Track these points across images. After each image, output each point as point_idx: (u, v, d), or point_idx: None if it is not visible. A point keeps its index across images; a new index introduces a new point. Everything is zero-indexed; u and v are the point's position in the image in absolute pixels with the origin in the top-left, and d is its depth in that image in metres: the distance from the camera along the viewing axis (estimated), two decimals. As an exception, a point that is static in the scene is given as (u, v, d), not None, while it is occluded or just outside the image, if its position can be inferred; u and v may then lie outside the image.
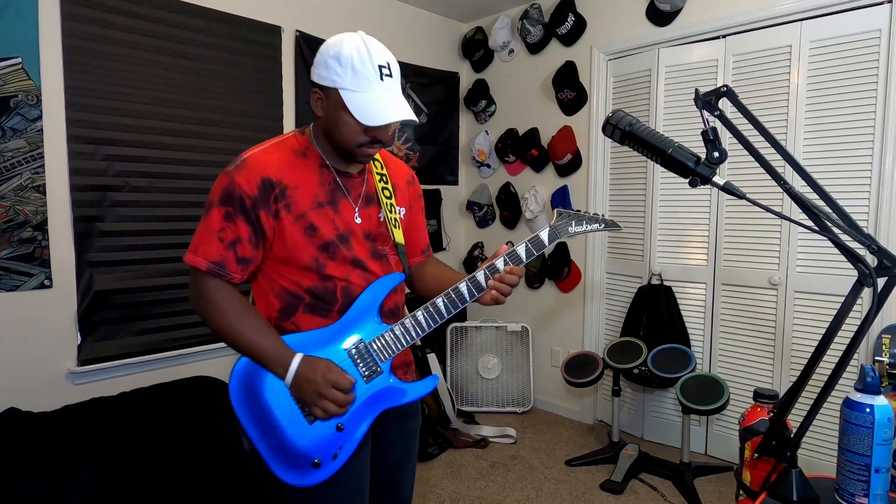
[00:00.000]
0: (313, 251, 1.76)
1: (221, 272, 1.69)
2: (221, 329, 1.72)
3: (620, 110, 1.55)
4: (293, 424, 1.72)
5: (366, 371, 1.77)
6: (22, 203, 3.18)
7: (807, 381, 1.40)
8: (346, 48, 1.65)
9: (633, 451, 4.09)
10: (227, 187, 1.67)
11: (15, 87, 3.12)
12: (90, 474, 2.61)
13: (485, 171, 5.65)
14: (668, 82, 4.28)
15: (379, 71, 1.66)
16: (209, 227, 1.68)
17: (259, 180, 1.68)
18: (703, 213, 4.17)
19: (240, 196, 1.66)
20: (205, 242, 1.69)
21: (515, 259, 1.83)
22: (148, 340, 3.69)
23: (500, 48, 5.33)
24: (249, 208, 1.67)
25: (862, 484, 1.31)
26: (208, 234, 1.68)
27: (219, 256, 1.68)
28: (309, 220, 1.74)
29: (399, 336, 1.81)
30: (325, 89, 1.69)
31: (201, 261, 1.68)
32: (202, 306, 1.74)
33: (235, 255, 1.70)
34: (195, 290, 1.74)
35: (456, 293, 1.80)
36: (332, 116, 1.70)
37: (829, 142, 3.59)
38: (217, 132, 3.94)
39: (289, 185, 1.72)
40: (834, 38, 3.55)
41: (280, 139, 1.83)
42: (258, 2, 4.12)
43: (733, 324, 4.10)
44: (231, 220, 1.67)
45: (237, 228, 1.68)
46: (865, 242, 1.31)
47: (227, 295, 1.72)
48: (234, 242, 1.69)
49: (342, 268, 1.80)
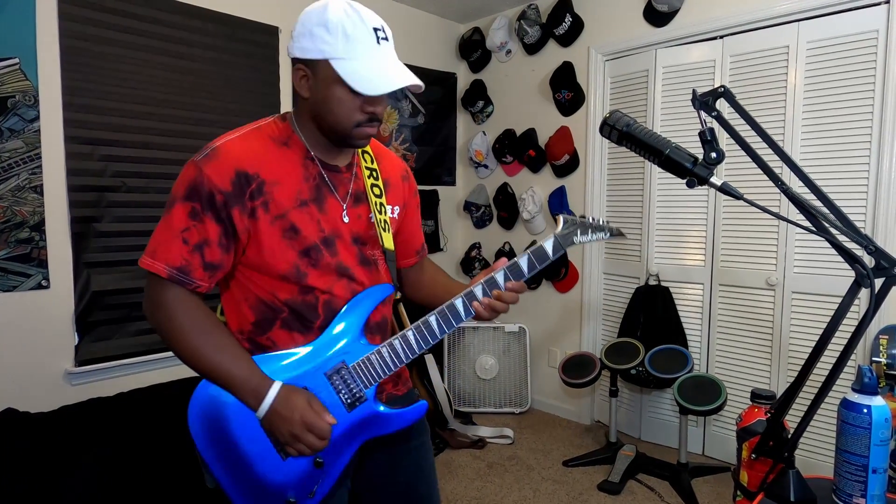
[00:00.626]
0: (293, 257, 1.53)
1: (185, 279, 1.45)
2: (182, 348, 1.49)
3: (618, 111, 1.55)
4: (264, 459, 1.51)
5: (348, 398, 1.56)
6: (19, 203, 3.17)
7: (804, 382, 1.40)
8: (332, 13, 1.43)
9: (631, 451, 4.09)
10: (193, 180, 1.44)
11: (12, 87, 3.11)
12: (87, 475, 2.61)
13: (482, 171, 5.65)
14: (666, 83, 4.28)
15: (374, 34, 1.46)
16: (171, 225, 1.45)
17: (232, 173, 1.45)
18: (701, 213, 4.17)
19: (209, 191, 1.43)
20: (165, 244, 1.45)
21: (517, 273, 1.60)
22: (145, 341, 3.68)
23: (498, 49, 5.33)
24: (220, 205, 1.44)
25: (859, 484, 1.31)
26: (170, 235, 1.44)
27: (182, 261, 1.44)
28: (290, 221, 1.52)
29: (386, 358, 1.58)
30: (312, 63, 1.47)
31: (161, 266, 1.43)
32: (158, 319, 1.49)
33: (202, 260, 1.46)
34: (151, 300, 1.49)
35: (451, 310, 1.58)
36: (324, 94, 1.48)
37: (827, 142, 3.59)
38: (214, 133, 3.85)
39: (267, 179, 1.49)
40: (831, 39, 3.56)
41: (257, 125, 1.59)
42: (255, 2, 4.12)
43: (731, 324, 4.10)
44: (197, 218, 1.44)
45: (205, 228, 1.44)
46: (863, 243, 1.31)
47: (190, 307, 1.48)
48: (200, 245, 1.45)
49: (325, 277, 1.58)
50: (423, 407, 1.69)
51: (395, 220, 1.78)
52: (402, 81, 1.46)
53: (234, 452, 1.51)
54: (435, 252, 5.62)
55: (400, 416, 1.65)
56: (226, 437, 1.51)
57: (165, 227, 1.46)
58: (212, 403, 1.52)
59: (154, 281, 1.47)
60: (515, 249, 5.37)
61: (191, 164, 1.47)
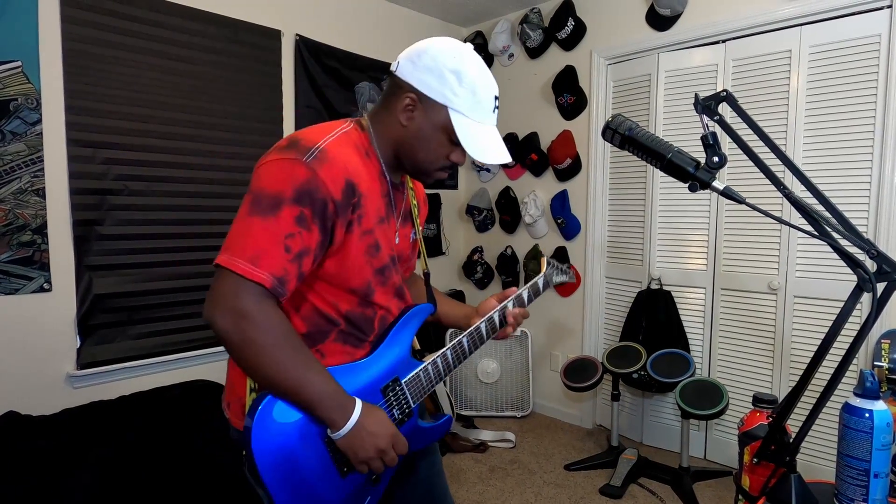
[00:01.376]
0: (370, 274, 1.50)
1: (281, 290, 1.34)
2: (266, 363, 1.34)
3: (620, 115, 1.55)
4: (325, 478, 1.44)
5: (399, 415, 1.56)
6: (21, 206, 3.17)
7: (806, 386, 1.40)
8: (468, 66, 1.45)
9: (633, 455, 4.09)
10: (307, 183, 1.33)
11: (15, 90, 3.12)
12: (89, 478, 2.61)
13: (484, 175, 5.66)
14: (668, 87, 4.28)
15: (494, 102, 1.51)
16: (276, 229, 1.32)
17: (343, 182, 1.37)
18: (703, 217, 4.17)
19: (323, 198, 1.34)
20: (269, 251, 1.31)
21: (521, 302, 1.84)
22: (147, 344, 3.69)
23: (500, 52, 5.34)
24: (330, 215, 1.36)
25: (861, 489, 1.31)
26: (272, 240, 1.31)
27: (283, 271, 1.33)
28: (375, 238, 1.49)
29: (432, 374, 1.62)
30: (427, 100, 1.46)
31: (265, 275, 1.30)
32: (243, 329, 1.32)
33: (299, 270, 1.36)
34: (232, 306, 1.31)
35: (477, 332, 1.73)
36: (426, 133, 1.48)
37: (829, 147, 3.59)
38: (216, 136, 3.94)
39: (363, 192, 1.44)
40: (834, 44, 3.55)
41: (342, 130, 1.50)
42: (258, 6, 4.13)
43: (733, 328, 4.09)
44: (305, 224, 1.33)
45: (310, 237, 1.35)
46: (865, 247, 1.31)
47: (280, 320, 1.36)
48: (301, 254, 1.34)
49: (387, 295, 1.58)
50: (450, 421, 1.75)
51: (417, 242, 1.81)
52: (503, 158, 1.51)
53: (297, 475, 1.41)
54: (437, 255, 5.62)
55: (434, 430, 1.70)
56: (289, 460, 1.40)
57: (267, 230, 1.32)
58: (277, 427, 1.39)
59: (240, 286, 1.31)
60: (517, 253, 5.37)
61: (298, 162, 1.35)
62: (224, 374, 1.65)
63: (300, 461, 1.40)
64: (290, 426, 1.39)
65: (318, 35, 4.50)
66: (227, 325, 1.32)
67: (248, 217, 1.35)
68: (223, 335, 1.33)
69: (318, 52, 4.51)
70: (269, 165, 1.38)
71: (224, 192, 3.99)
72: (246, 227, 1.34)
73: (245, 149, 4.10)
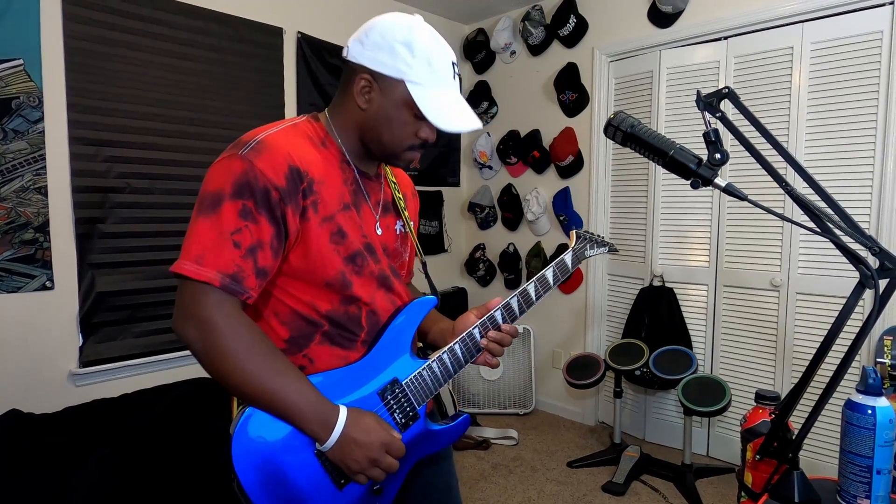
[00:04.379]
0: (339, 263, 1.42)
1: (237, 288, 1.28)
2: (231, 371, 1.29)
3: (622, 112, 1.54)
4: (321, 493, 1.37)
5: (402, 418, 1.48)
6: (23, 205, 3.18)
7: (808, 383, 1.40)
8: (419, 36, 1.41)
9: (635, 452, 4.09)
10: (244, 175, 1.29)
11: (16, 88, 3.12)
12: (92, 477, 2.61)
13: (486, 172, 5.65)
14: (670, 84, 4.28)
15: (452, 68, 1.46)
16: (220, 226, 1.27)
17: (286, 167, 1.32)
18: (705, 214, 4.17)
19: (264, 186, 1.29)
20: (215, 248, 1.27)
21: (544, 283, 1.74)
22: (150, 342, 3.69)
23: (502, 50, 5.33)
24: (275, 203, 1.30)
25: (863, 485, 1.31)
26: (218, 238, 1.27)
27: (234, 267, 1.27)
28: (337, 224, 1.42)
29: (437, 373, 1.53)
30: (382, 78, 1.41)
31: (212, 273, 1.26)
32: (202, 336, 1.28)
33: (255, 266, 1.30)
34: (192, 315, 1.28)
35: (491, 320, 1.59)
36: (387, 112, 1.43)
37: (831, 143, 3.59)
38: (218, 134, 3.94)
39: (315, 178, 1.38)
40: (835, 40, 3.55)
41: (291, 123, 1.48)
42: (260, 3, 4.13)
43: (735, 325, 4.09)
44: (250, 217, 1.28)
45: (259, 229, 1.30)
46: (867, 244, 1.31)
47: (242, 323, 1.30)
48: (253, 248, 1.29)
49: (368, 286, 1.49)
50: (467, 420, 1.65)
51: (408, 235, 1.73)
52: (470, 124, 1.46)
53: (289, 491, 1.34)
54: (439, 253, 5.62)
55: (449, 431, 1.61)
56: (277, 475, 1.33)
57: (210, 229, 1.28)
58: (259, 441, 1.32)
59: (196, 291, 1.27)
60: (520, 250, 5.37)
61: (234, 157, 1.33)
62: None
63: (291, 476, 1.34)
64: (275, 440, 1.33)
65: (321, 33, 4.50)
66: (190, 334, 1.28)
67: (194, 220, 1.31)
68: (190, 345, 1.29)
69: (320, 49, 4.51)
70: (211, 167, 1.36)
71: (226, 190, 3.98)
72: (191, 229, 1.31)
73: (247, 147, 4.09)
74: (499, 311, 1.61)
